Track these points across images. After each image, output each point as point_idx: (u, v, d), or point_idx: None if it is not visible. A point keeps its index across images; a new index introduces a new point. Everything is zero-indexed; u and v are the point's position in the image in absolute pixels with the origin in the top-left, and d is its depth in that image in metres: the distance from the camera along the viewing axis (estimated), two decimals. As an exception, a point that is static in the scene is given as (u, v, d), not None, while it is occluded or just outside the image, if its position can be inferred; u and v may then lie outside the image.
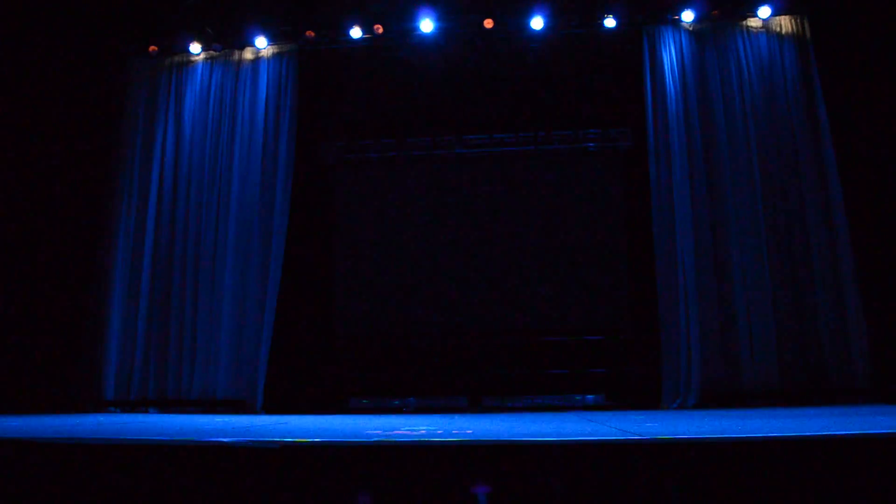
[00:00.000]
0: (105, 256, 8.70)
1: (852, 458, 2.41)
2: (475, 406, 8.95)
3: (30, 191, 8.35)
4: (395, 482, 2.48)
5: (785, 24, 8.44)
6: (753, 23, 8.50)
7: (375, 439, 2.81)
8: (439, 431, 3.57)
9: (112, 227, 8.79)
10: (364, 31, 8.77)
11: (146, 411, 8.08)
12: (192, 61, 9.27)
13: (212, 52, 9.18)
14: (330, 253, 10.06)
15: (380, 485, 2.47)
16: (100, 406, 8.20)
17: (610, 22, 8.49)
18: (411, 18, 8.65)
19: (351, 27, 8.73)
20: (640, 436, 2.92)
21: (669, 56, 8.51)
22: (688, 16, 8.46)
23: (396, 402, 9.10)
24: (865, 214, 7.73)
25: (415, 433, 3.46)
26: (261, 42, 8.95)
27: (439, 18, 8.65)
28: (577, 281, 9.57)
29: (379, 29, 8.72)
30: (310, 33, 8.87)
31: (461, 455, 2.55)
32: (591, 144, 10.00)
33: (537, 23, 8.52)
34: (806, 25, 8.37)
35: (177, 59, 9.27)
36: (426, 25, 8.63)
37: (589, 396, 8.88)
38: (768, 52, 8.39)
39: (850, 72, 8.00)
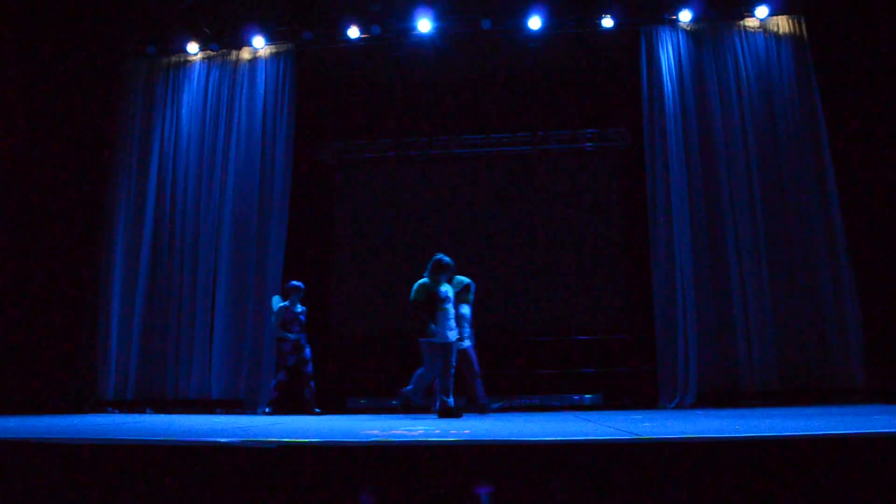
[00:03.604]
0: (103, 258, 8.70)
1: (850, 458, 2.42)
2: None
3: (28, 193, 8.33)
4: (391, 482, 2.48)
5: (782, 23, 8.46)
6: (751, 22, 8.51)
7: (373, 439, 2.82)
8: (437, 431, 3.58)
9: (110, 230, 8.79)
10: (362, 31, 8.77)
11: (144, 411, 8.08)
12: (190, 61, 9.26)
13: (209, 52, 9.17)
14: (328, 252, 10.08)
15: (376, 485, 2.47)
16: (98, 406, 8.21)
17: (607, 22, 8.50)
18: (409, 18, 8.65)
19: (348, 27, 8.72)
20: (637, 435, 2.93)
21: (667, 56, 8.51)
22: (685, 16, 8.47)
23: (394, 403, 9.09)
24: (863, 214, 7.73)
25: (412, 433, 3.46)
26: (258, 42, 8.94)
27: (437, 18, 8.64)
28: (574, 281, 9.59)
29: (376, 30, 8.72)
30: (307, 33, 8.87)
31: (459, 455, 2.55)
32: (588, 144, 10.03)
33: (535, 23, 8.52)
34: (803, 25, 8.39)
35: (174, 59, 9.27)
36: (424, 25, 8.62)
37: (587, 396, 8.88)
38: (765, 51, 8.40)
39: (846, 70, 8.02)
